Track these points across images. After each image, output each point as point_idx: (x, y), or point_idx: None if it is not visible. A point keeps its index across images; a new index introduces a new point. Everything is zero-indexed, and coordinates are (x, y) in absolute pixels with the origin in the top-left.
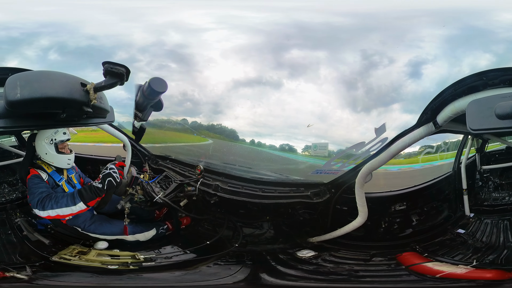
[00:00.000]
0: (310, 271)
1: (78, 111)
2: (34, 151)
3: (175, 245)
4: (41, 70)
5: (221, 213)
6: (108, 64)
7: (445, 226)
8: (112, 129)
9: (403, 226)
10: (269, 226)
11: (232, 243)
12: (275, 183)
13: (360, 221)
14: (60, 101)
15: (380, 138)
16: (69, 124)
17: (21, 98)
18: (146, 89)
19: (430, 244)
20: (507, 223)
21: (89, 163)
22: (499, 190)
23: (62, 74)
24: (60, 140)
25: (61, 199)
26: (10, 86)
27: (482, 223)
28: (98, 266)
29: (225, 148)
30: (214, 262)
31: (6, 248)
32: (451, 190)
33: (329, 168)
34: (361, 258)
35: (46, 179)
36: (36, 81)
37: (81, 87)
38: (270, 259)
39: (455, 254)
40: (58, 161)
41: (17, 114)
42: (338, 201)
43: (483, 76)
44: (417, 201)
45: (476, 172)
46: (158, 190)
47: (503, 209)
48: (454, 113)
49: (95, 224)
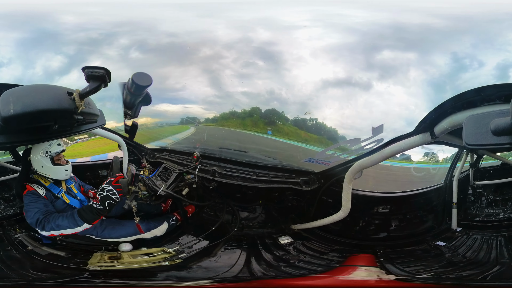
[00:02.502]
0: (278, 258)
1: (69, 120)
2: (29, 166)
3: (188, 234)
4: (31, 84)
5: (220, 198)
6: (87, 69)
7: (424, 237)
8: (105, 132)
9: (380, 229)
10: (261, 210)
11: (232, 227)
12: (269, 167)
13: (340, 215)
14: (51, 112)
15: (376, 138)
16: (62, 134)
17: (14, 114)
18: (131, 86)
19: (397, 251)
20: (502, 239)
21: (87, 169)
22: (492, 206)
23: (48, 86)
24: (55, 152)
25: (61, 222)
26: (3, 103)
27: (470, 238)
28: (146, 266)
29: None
30: (224, 247)
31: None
32: (439, 202)
33: (321, 158)
34: (320, 250)
35: (44, 194)
36: (26, 95)
37: (68, 96)
38: (259, 243)
39: (417, 265)
40: (55, 173)
41: (11, 130)
42: (325, 192)
43: (481, 92)
44: (402, 207)
45: (469, 187)
46: (159, 183)
47: (496, 225)
48: (452, 126)
49: (108, 229)
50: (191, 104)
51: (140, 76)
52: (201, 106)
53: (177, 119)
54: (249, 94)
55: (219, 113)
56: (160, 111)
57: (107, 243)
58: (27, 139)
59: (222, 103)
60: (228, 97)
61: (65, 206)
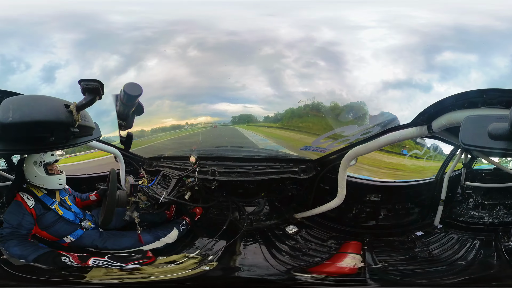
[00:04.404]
0: (292, 247)
1: (65, 133)
2: (23, 176)
3: (202, 237)
4: (32, 94)
5: (224, 196)
6: (83, 82)
7: (406, 228)
8: (101, 144)
9: (369, 216)
10: (265, 203)
11: (241, 223)
12: (267, 159)
13: (336, 202)
14: (48, 124)
15: (373, 125)
16: (58, 146)
17: (12, 122)
18: (123, 97)
19: (380, 240)
20: (477, 243)
21: (84, 182)
22: (479, 208)
23: (48, 97)
24: (48, 162)
25: (16, 252)
26: (3, 109)
27: (447, 236)
28: (186, 274)
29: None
30: (243, 244)
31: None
32: (428, 196)
33: (317, 145)
34: (321, 238)
35: (32, 206)
36: (26, 105)
37: (65, 108)
38: (270, 236)
39: (387, 255)
40: (49, 183)
41: (8, 137)
42: (322, 180)
43: (483, 94)
44: (392, 197)
45: (459, 186)
46: (160, 191)
47: (477, 228)
48: (450, 123)
49: (110, 241)
50: (251, 103)
51: (131, 86)
52: (261, 106)
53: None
54: (309, 94)
55: (278, 111)
56: (220, 110)
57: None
58: (23, 149)
59: (282, 103)
60: (288, 97)
61: (57, 218)
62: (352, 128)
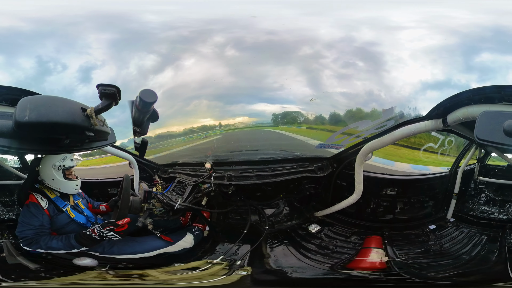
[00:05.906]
0: (320, 246)
1: (80, 136)
2: (36, 175)
3: (223, 242)
4: (50, 95)
5: (242, 200)
6: (101, 87)
7: (421, 222)
8: (115, 150)
9: (387, 210)
10: (284, 204)
11: (262, 226)
12: (283, 160)
13: (354, 198)
14: (64, 126)
15: (386, 119)
16: (72, 149)
17: (28, 121)
18: (139, 103)
19: (398, 233)
20: (484, 237)
21: (96, 187)
22: (490, 204)
23: (65, 99)
24: (68, 166)
25: (55, 245)
26: (21, 108)
27: (458, 230)
28: (220, 283)
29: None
30: (269, 246)
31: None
32: (441, 190)
33: (332, 143)
34: (345, 234)
35: (46, 207)
36: (43, 105)
37: (82, 112)
38: (295, 236)
39: (405, 249)
40: (66, 187)
41: (23, 136)
42: (339, 176)
43: (501, 90)
44: (407, 190)
45: (472, 181)
46: (175, 198)
47: (486, 223)
48: (465, 117)
49: (118, 246)
50: (289, 104)
51: (147, 92)
52: (299, 107)
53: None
54: (347, 95)
55: (318, 114)
56: (258, 111)
57: (114, 260)
58: (37, 149)
59: (320, 103)
60: (326, 98)
61: (69, 221)
62: (366, 123)
